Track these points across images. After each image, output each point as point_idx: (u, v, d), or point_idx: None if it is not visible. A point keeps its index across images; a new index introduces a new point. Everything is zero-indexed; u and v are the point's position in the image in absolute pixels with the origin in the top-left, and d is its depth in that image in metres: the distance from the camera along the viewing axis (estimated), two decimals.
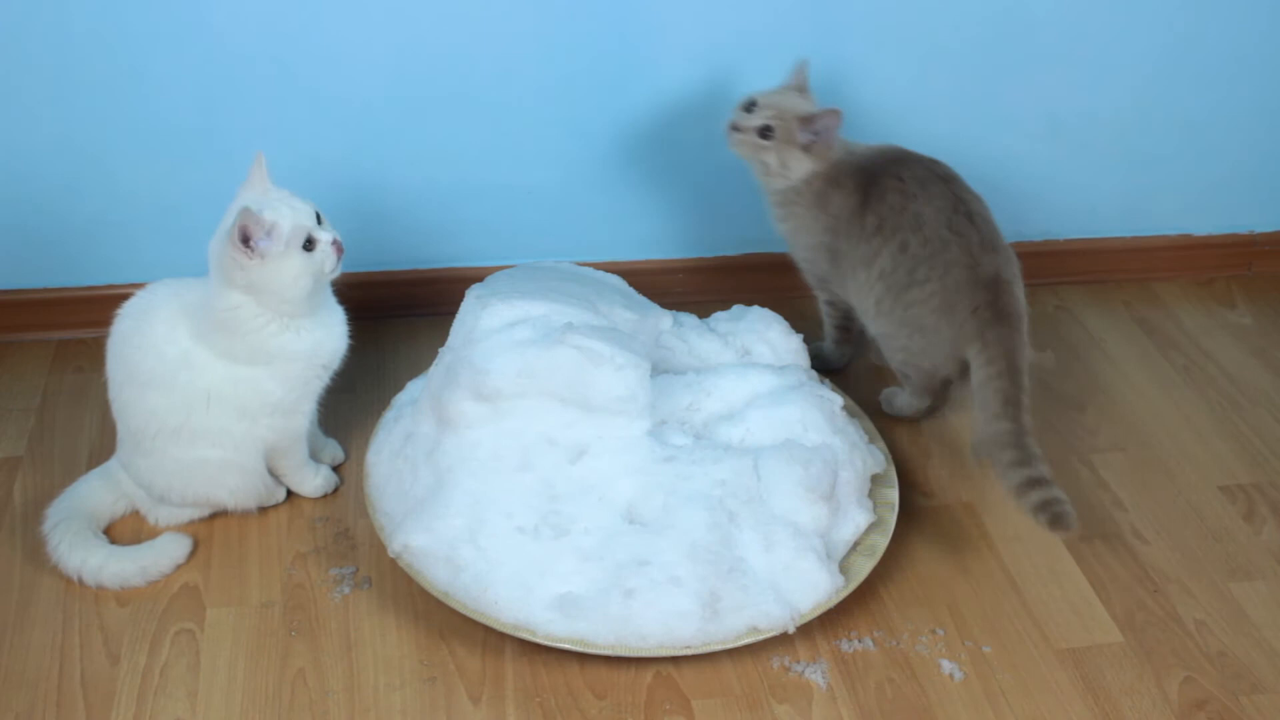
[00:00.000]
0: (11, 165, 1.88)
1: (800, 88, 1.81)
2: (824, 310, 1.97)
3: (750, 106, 1.80)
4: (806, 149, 1.77)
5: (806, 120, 1.77)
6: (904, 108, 2.03)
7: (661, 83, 1.95)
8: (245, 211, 1.48)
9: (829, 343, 1.99)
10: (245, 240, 1.49)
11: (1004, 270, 1.72)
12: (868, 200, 1.77)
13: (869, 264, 1.77)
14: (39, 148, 1.87)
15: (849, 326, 1.96)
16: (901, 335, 1.79)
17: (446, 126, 1.94)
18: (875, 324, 1.82)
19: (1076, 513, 1.56)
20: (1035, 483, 1.58)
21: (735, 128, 1.79)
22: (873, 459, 1.71)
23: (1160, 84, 2.08)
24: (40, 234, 1.94)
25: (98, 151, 1.88)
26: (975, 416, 1.69)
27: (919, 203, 1.73)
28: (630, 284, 1.90)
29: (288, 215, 1.51)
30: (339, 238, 1.56)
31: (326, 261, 1.54)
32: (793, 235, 1.88)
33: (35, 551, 1.61)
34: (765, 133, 1.77)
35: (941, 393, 1.87)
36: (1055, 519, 1.55)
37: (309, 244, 1.52)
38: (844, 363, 2.00)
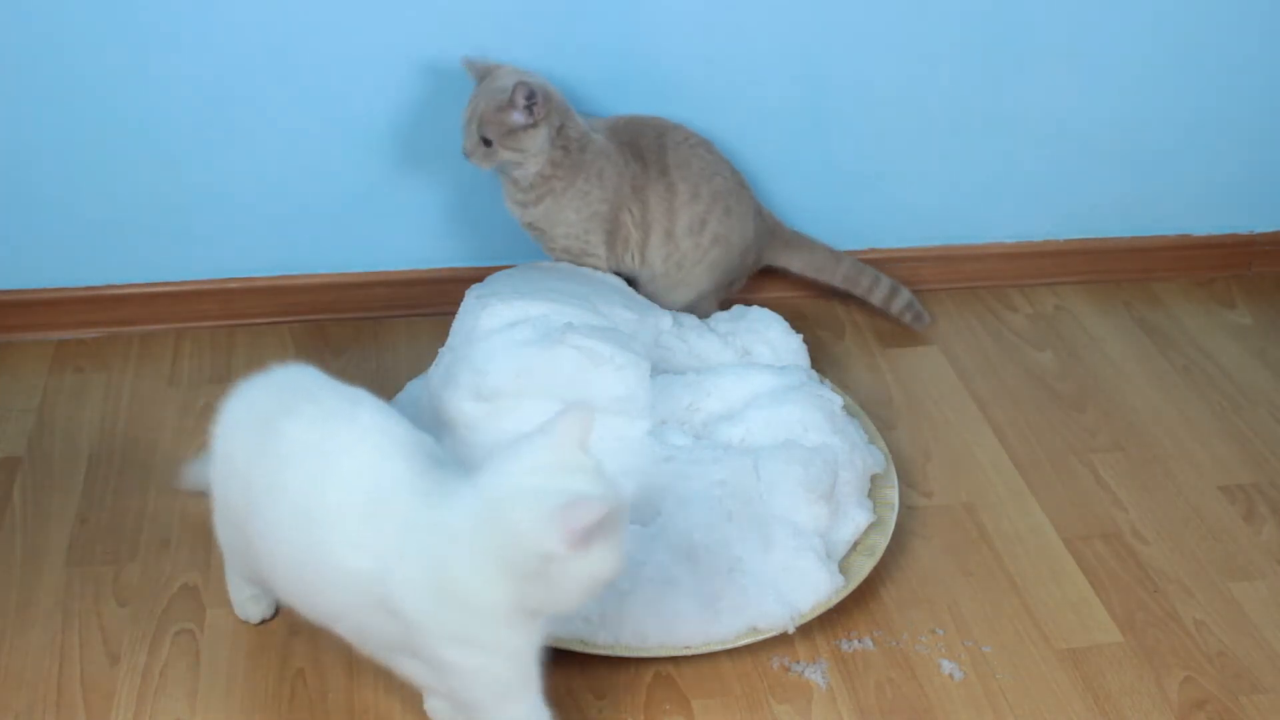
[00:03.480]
0: (11, 165, 1.88)
1: (485, 73, 1.76)
2: None
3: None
4: (533, 125, 1.72)
5: (506, 108, 1.71)
6: (903, 107, 2.03)
7: (656, 83, 1.95)
8: (612, 495, 1.10)
9: None
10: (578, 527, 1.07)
11: None
12: (645, 163, 1.84)
13: (695, 229, 1.86)
14: (39, 148, 1.87)
15: None
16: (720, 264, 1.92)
17: (447, 127, 1.93)
18: (693, 273, 1.90)
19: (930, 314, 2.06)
20: (895, 289, 2.05)
21: (469, 154, 1.75)
22: (873, 459, 1.71)
23: (1160, 84, 2.08)
24: (40, 234, 1.94)
25: (98, 151, 1.88)
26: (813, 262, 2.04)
27: (703, 151, 1.88)
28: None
29: (612, 497, 1.11)
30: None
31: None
32: (556, 212, 1.81)
33: (35, 551, 1.61)
34: (485, 143, 1.73)
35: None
36: (916, 315, 2.05)
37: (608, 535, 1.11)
38: None
